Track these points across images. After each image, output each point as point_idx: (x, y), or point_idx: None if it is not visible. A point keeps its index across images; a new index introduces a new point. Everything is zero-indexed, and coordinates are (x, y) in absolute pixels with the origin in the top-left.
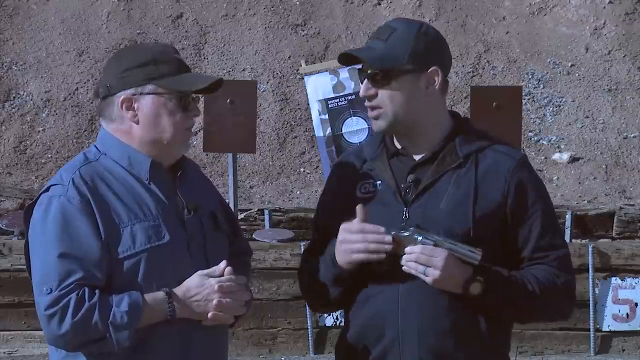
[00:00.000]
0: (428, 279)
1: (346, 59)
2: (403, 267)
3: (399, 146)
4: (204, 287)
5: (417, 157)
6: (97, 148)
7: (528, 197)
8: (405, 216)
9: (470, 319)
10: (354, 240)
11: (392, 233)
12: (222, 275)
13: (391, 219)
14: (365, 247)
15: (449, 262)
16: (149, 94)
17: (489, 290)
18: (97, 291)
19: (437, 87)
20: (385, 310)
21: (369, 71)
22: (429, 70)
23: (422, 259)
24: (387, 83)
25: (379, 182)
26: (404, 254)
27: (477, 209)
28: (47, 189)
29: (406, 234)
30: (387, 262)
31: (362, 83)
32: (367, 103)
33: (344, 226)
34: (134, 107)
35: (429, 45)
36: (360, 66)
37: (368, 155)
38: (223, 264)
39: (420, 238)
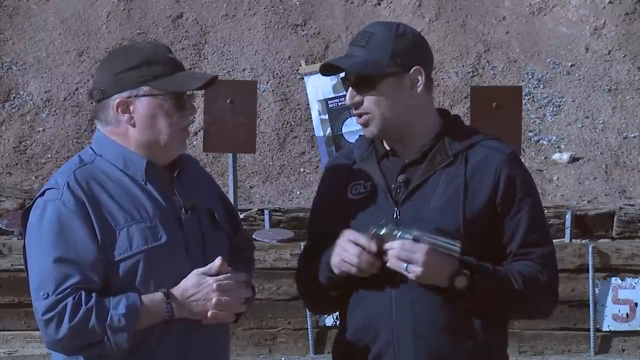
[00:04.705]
0: (411, 276)
1: (328, 68)
2: (387, 264)
3: (388, 147)
4: (202, 286)
5: (406, 158)
6: (92, 149)
7: (517, 192)
8: (397, 216)
9: (464, 317)
10: (351, 252)
11: (372, 232)
12: (218, 271)
13: (382, 219)
14: (357, 263)
15: (430, 257)
16: (144, 95)
17: (475, 283)
18: (93, 294)
19: (420, 86)
20: (378, 311)
21: (351, 79)
22: (411, 71)
23: (403, 255)
24: (371, 88)
25: (369, 183)
26: (386, 252)
27: (467, 206)
28: (43, 193)
29: (384, 231)
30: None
31: (346, 91)
32: (353, 111)
33: (347, 235)
34: (129, 110)
35: (408, 45)
36: (343, 74)
37: (358, 156)
38: (218, 260)
39: (399, 234)
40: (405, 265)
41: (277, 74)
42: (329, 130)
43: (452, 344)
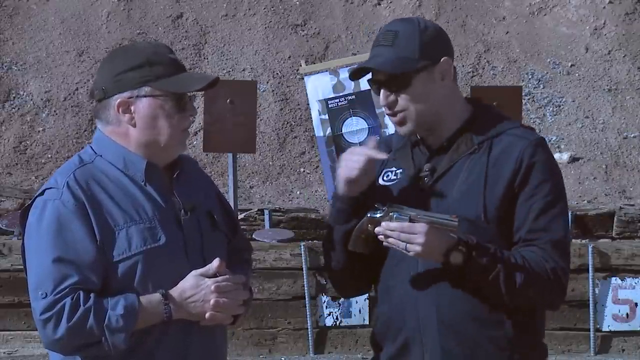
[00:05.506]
0: (410, 254)
1: (357, 72)
2: (383, 243)
3: (419, 137)
4: (200, 287)
5: (435, 146)
6: (92, 149)
7: (536, 177)
8: (422, 204)
9: (491, 307)
10: (350, 157)
11: (368, 215)
12: (216, 272)
13: (409, 206)
14: (352, 164)
15: (429, 237)
16: (145, 96)
17: (470, 260)
18: (92, 295)
19: (450, 77)
20: (404, 300)
21: (382, 79)
22: (440, 62)
23: (403, 237)
24: (405, 86)
25: (400, 171)
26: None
27: (488, 192)
28: (42, 193)
29: (380, 214)
30: (370, 242)
31: (377, 93)
32: (387, 111)
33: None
34: (130, 110)
35: (433, 37)
36: (369, 76)
37: (395, 144)
38: (216, 261)
39: (395, 215)
40: (405, 244)
41: (277, 74)
42: (329, 130)
43: (478, 333)
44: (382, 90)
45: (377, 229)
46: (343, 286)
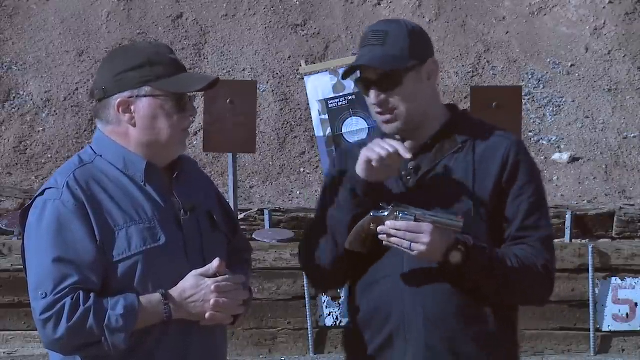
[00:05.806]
0: (413, 253)
1: (350, 70)
2: (384, 242)
3: (398, 137)
4: (200, 287)
5: (416, 146)
6: (92, 149)
7: (521, 176)
8: (409, 202)
9: (474, 304)
10: (381, 142)
11: (371, 214)
12: (216, 272)
13: (384, 203)
14: (379, 153)
15: (434, 236)
16: (145, 96)
17: (469, 259)
18: (92, 295)
19: (436, 77)
20: (390, 294)
21: (373, 79)
22: (427, 63)
23: (409, 236)
24: (396, 85)
25: None
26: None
27: (477, 190)
28: (42, 193)
29: (385, 213)
30: (369, 242)
31: (365, 93)
32: (377, 109)
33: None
34: (131, 110)
35: (420, 38)
36: (358, 75)
37: None
38: (216, 261)
39: (401, 215)
40: (408, 243)
41: (277, 74)
42: (329, 130)
43: (461, 329)
44: (372, 90)
45: (380, 228)
46: (331, 281)
